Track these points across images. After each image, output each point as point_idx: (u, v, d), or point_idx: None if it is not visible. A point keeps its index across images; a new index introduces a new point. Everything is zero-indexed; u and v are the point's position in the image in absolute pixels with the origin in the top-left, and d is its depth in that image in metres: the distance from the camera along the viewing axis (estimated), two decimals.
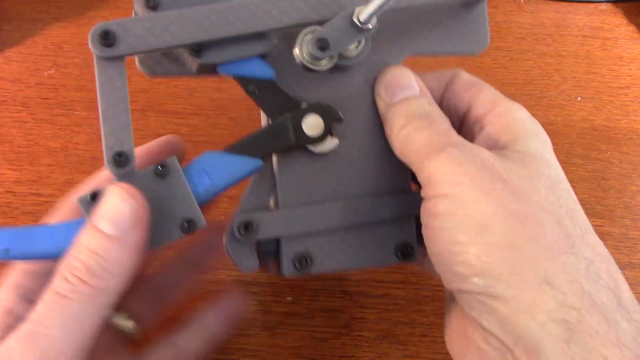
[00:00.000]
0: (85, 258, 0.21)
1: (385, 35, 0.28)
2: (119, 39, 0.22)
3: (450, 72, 0.28)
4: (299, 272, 0.26)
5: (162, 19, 0.23)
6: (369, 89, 0.27)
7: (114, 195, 0.22)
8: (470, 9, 0.29)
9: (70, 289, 0.20)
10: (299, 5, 0.24)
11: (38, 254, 0.23)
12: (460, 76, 0.28)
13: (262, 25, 0.24)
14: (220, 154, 0.24)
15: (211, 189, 0.24)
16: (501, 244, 0.21)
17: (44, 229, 0.23)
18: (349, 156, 0.27)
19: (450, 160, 0.22)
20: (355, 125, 0.27)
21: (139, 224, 0.22)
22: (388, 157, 0.27)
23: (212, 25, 0.23)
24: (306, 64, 0.25)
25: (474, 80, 0.28)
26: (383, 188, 0.27)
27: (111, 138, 0.23)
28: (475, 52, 0.29)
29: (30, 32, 0.45)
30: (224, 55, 0.24)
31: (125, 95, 0.23)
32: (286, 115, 0.25)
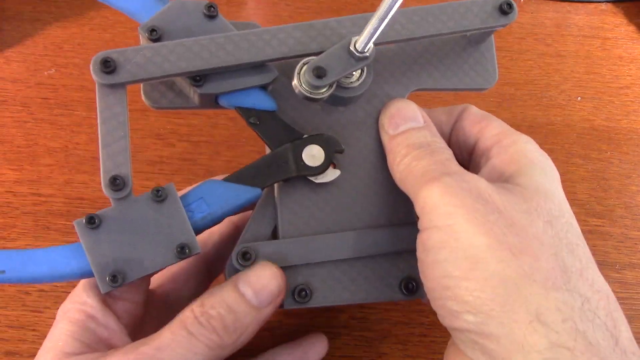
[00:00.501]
0: (223, 312, 0.22)
1: (390, 69, 0.28)
2: (119, 67, 0.23)
3: (461, 107, 0.28)
4: (299, 305, 0.26)
5: (162, 48, 0.23)
6: (373, 122, 0.27)
7: (265, 270, 0.24)
8: (478, 44, 0.28)
9: (201, 332, 0.22)
10: (298, 36, 0.25)
11: (33, 278, 0.23)
12: (469, 110, 0.28)
13: (261, 55, 0.24)
14: (220, 182, 0.24)
15: (208, 216, 0.24)
16: (494, 279, 0.20)
17: (40, 252, 0.23)
18: (352, 187, 0.27)
19: (444, 190, 0.22)
20: (359, 156, 0.27)
21: (275, 302, 0.24)
22: (391, 189, 0.26)
23: (212, 55, 0.24)
24: (305, 93, 0.25)
25: (483, 113, 0.27)
26: (387, 220, 0.27)
27: (109, 162, 0.23)
28: (483, 88, 0.29)
29: (30, 32, 0.45)
30: (224, 86, 0.24)
31: (125, 120, 0.23)
32: (287, 145, 0.25)
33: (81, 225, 0.23)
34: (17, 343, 0.34)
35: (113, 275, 0.22)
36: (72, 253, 0.23)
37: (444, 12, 0.26)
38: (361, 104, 0.27)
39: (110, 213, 0.23)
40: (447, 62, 0.28)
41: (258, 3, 0.50)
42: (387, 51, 0.28)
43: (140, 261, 0.23)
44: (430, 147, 0.24)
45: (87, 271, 0.23)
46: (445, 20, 0.26)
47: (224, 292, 0.23)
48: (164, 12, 0.24)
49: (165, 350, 0.21)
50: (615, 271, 0.38)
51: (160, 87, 0.26)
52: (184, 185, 0.40)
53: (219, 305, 0.22)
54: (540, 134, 0.43)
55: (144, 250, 0.23)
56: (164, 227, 0.23)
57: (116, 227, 0.23)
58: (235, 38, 0.24)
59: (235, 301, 0.23)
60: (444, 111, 0.28)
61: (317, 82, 0.24)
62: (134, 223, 0.23)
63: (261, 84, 0.25)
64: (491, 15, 0.26)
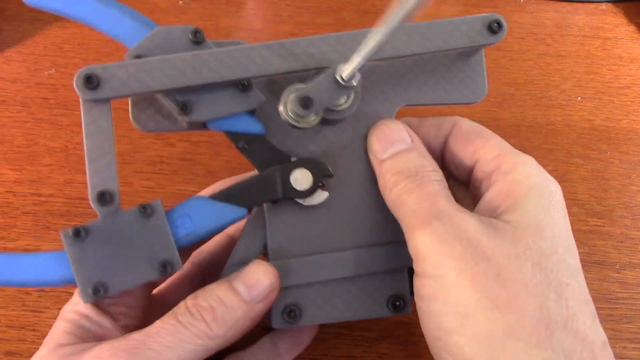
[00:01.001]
0: (213, 303, 0.23)
1: (378, 87, 0.27)
2: (102, 83, 0.23)
3: (451, 120, 0.27)
4: (288, 324, 0.26)
5: (145, 64, 0.23)
6: (362, 141, 0.27)
7: (258, 267, 0.24)
8: (468, 58, 0.28)
9: (190, 322, 0.22)
10: (282, 53, 0.24)
11: (21, 282, 0.23)
12: (460, 126, 0.27)
13: (244, 72, 0.24)
14: (206, 200, 0.25)
15: (192, 233, 0.24)
16: (481, 335, 0.21)
17: (28, 257, 0.24)
18: (341, 208, 0.27)
19: (434, 237, 0.22)
20: (347, 176, 0.27)
21: (268, 299, 0.24)
22: (379, 209, 0.26)
23: (195, 71, 0.24)
24: (291, 122, 0.25)
25: (475, 129, 0.27)
26: (375, 239, 0.27)
27: (96, 177, 0.24)
28: (472, 102, 0.28)
29: (30, 32, 0.45)
30: (211, 113, 0.24)
31: (110, 135, 0.24)
32: (276, 167, 0.25)
33: (68, 236, 0.23)
34: (17, 343, 0.34)
35: (95, 288, 0.23)
36: (58, 260, 0.23)
37: (431, 30, 0.26)
38: (350, 122, 0.27)
39: (96, 226, 0.24)
40: (436, 76, 0.28)
41: (258, 3, 0.50)
42: (375, 68, 0.28)
43: (123, 275, 0.23)
44: (419, 176, 0.24)
45: (72, 279, 0.23)
46: (433, 38, 0.26)
47: (217, 286, 0.24)
48: (151, 38, 0.24)
49: (153, 337, 0.22)
50: (615, 271, 0.38)
51: (148, 110, 0.26)
52: (184, 186, 0.40)
53: (211, 298, 0.23)
54: (540, 134, 0.43)
55: (127, 264, 0.23)
56: (148, 242, 0.24)
57: (102, 241, 0.23)
58: (218, 55, 0.24)
59: (226, 294, 0.23)
60: (433, 124, 0.28)
61: (303, 112, 0.24)
62: (120, 237, 0.24)
63: (248, 109, 0.25)
64: (480, 33, 0.26)
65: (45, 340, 0.24)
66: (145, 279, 0.24)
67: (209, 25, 0.47)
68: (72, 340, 0.24)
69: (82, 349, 0.23)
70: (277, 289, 0.24)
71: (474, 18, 0.26)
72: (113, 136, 0.24)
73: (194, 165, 0.40)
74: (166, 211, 0.24)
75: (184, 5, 0.48)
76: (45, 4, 0.25)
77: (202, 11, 0.48)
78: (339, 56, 0.24)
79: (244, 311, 0.23)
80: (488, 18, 0.26)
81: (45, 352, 0.23)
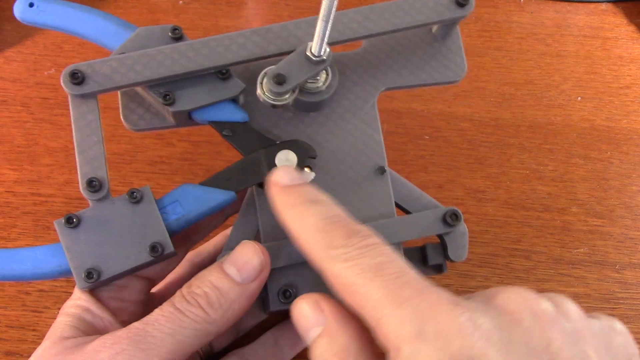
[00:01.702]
0: (207, 290, 0.23)
1: (358, 72, 0.28)
2: (87, 78, 0.24)
3: None
4: (284, 305, 0.26)
5: (127, 58, 0.25)
6: (345, 124, 0.28)
7: (246, 247, 0.24)
8: (445, 38, 0.29)
9: (187, 308, 0.23)
10: (256, 40, 0.26)
11: (17, 275, 0.24)
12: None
13: (222, 60, 0.25)
14: (195, 186, 0.25)
15: (183, 217, 0.25)
16: None
17: (24, 251, 0.24)
18: (328, 188, 0.27)
19: None
20: (333, 158, 0.27)
21: (259, 277, 0.24)
22: (367, 186, 0.27)
23: (174, 62, 0.25)
24: (269, 101, 0.25)
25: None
26: (365, 217, 0.27)
27: (85, 167, 0.25)
28: (453, 81, 0.29)
29: (30, 32, 0.45)
30: (194, 102, 0.26)
31: (97, 127, 0.25)
32: (260, 150, 0.26)
33: (60, 224, 0.24)
34: (17, 343, 0.34)
35: (88, 272, 0.24)
36: (53, 252, 0.24)
37: (400, 8, 0.26)
38: (332, 107, 0.28)
39: (88, 213, 0.24)
40: (415, 59, 0.29)
41: (258, 3, 0.50)
42: (354, 55, 0.28)
43: (115, 259, 0.24)
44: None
45: (68, 270, 0.24)
46: (401, 15, 0.26)
47: (209, 272, 0.24)
48: (133, 39, 0.26)
49: (153, 324, 0.22)
50: (615, 271, 0.38)
51: (137, 110, 0.27)
52: None
53: (204, 284, 0.23)
54: (540, 134, 0.43)
55: (119, 249, 0.24)
56: (139, 227, 0.24)
57: (93, 227, 0.24)
58: (196, 45, 0.25)
59: (218, 278, 0.24)
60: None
61: (278, 88, 0.25)
62: (111, 223, 0.24)
63: (229, 96, 0.26)
64: (448, 7, 0.27)
65: (47, 334, 0.24)
66: (137, 262, 0.24)
67: (209, 25, 0.47)
68: (74, 333, 0.24)
69: (85, 341, 0.23)
70: (268, 267, 0.24)
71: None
72: (101, 128, 0.25)
73: (194, 165, 0.40)
74: (156, 199, 0.25)
75: (184, 5, 0.48)
76: (34, 20, 0.26)
77: (202, 11, 0.48)
78: (312, 39, 0.25)
79: (238, 292, 0.23)
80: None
81: (49, 344, 0.23)
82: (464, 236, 0.28)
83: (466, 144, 0.42)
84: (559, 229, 0.39)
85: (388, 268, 0.19)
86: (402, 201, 0.28)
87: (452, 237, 0.28)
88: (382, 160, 0.28)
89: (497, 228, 0.39)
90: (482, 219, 0.40)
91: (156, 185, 0.39)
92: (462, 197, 0.40)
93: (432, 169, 0.41)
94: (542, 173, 0.42)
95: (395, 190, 0.28)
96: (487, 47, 0.47)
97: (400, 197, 0.28)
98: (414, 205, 0.28)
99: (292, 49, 0.25)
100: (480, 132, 0.43)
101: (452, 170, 0.41)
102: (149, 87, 0.25)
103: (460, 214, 0.27)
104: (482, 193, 0.41)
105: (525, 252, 0.39)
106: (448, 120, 0.43)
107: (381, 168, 0.27)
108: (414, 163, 0.42)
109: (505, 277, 0.38)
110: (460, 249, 0.28)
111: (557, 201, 0.40)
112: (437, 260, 0.29)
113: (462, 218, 0.27)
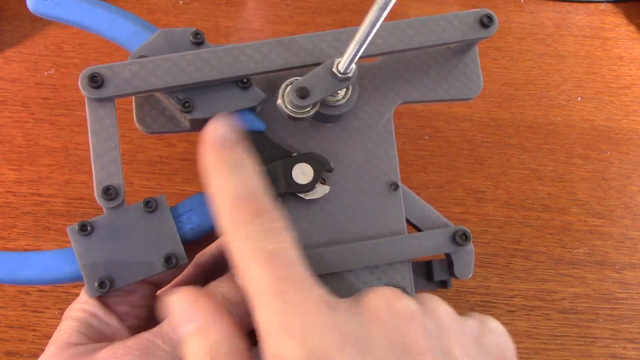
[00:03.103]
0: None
1: (376, 84, 0.28)
2: (107, 82, 0.24)
3: None
4: None
5: (149, 63, 0.24)
6: (361, 137, 0.28)
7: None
8: (462, 55, 0.29)
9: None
10: (280, 51, 0.25)
11: (27, 280, 0.24)
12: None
13: (244, 69, 0.25)
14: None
15: (197, 227, 0.25)
16: None
17: (34, 255, 0.24)
18: (342, 201, 0.27)
19: None
20: (348, 171, 0.27)
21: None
22: (380, 201, 0.27)
23: (196, 69, 0.24)
24: (289, 113, 0.25)
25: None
26: (376, 231, 0.27)
27: (101, 173, 0.24)
28: (468, 98, 0.29)
29: (30, 32, 0.45)
30: (213, 110, 0.25)
31: (114, 132, 0.24)
32: (277, 162, 0.26)
33: (74, 231, 0.24)
34: (17, 343, 0.34)
35: (101, 282, 0.23)
36: (65, 257, 0.24)
37: (425, 25, 0.26)
38: (349, 119, 0.28)
39: (102, 221, 0.24)
40: (432, 74, 0.28)
41: (258, 3, 0.50)
42: (372, 67, 0.28)
43: (129, 269, 0.24)
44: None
45: (79, 276, 0.24)
46: (426, 33, 0.26)
47: (220, 283, 0.24)
48: (152, 41, 0.25)
49: (163, 338, 0.22)
50: (615, 271, 0.38)
51: (152, 112, 0.26)
52: (184, 186, 0.40)
53: (214, 296, 0.23)
54: (540, 134, 0.43)
55: (133, 258, 0.24)
56: (154, 237, 0.24)
57: (107, 235, 0.24)
58: (219, 53, 0.25)
59: (229, 290, 0.23)
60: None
61: (300, 102, 0.24)
62: (125, 232, 0.24)
63: (249, 106, 0.26)
64: (472, 28, 0.27)
65: (52, 339, 0.24)
66: (151, 272, 0.24)
67: (209, 25, 0.47)
68: (81, 339, 0.24)
69: (93, 348, 0.23)
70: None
71: (465, 13, 0.27)
72: (118, 134, 0.25)
73: (194, 165, 0.40)
74: (171, 207, 0.25)
75: (184, 5, 0.48)
76: (47, 13, 0.25)
77: (202, 11, 0.48)
78: (336, 52, 0.25)
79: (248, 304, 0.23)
80: (479, 13, 0.27)
81: (55, 350, 0.23)
82: (471, 254, 0.28)
83: (466, 144, 0.42)
84: (559, 229, 0.39)
85: (279, 257, 0.20)
86: (413, 217, 0.28)
87: (459, 255, 0.28)
88: (396, 176, 0.27)
89: (497, 228, 0.39)
90: (482, 219, 0.40)
91: (156, 185, 0.40)
92: (462, 197, 0.40)
93: (432, 169, 0.41)
94: (542, 173, 0.42)
95: (406, 206, 0.28)
96: (487, 47, 0.47)
97: (411, 213, 0.28)
98: (423, 222, 0.28)
99: (316, 61, 0.25)
100: (480, 132, 0.43)
101: (452, 171, 0.41)
102: (168, 92, 0.25)
103: (469, 235, 0.27)
104: (482, 193, 0.41)
105: (525, 252, 0.39)
106: (448, 121, 0.43)
107: (395, 184, 0.27)
108: (414, 163, 0.42)
109: (505, 277, 0.38)
110: (467, 266, 0.28)
111: (557, 201, 0.40)
112: (442, 276, 0.29)
113: (470, 238, 0.27)
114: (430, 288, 0.30)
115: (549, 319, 0.36)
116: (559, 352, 0.35)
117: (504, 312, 0.36)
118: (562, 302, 0.37)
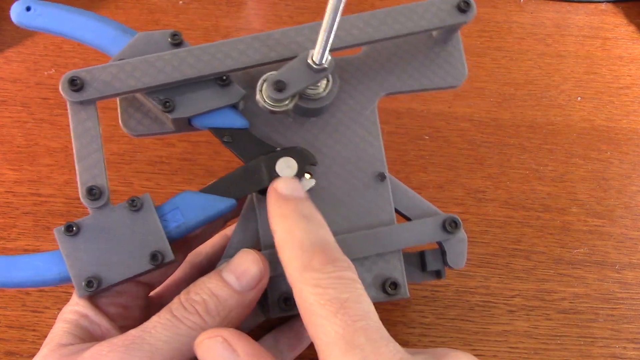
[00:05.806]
0: (205, 297, 0.23)
1: (358, 77, 0.28)
2: (86, 85, 0.24)
3: None
4: (284, 312, 0.26)
5: (126, 65, 0.24)
6: (345, 129, 0.27)
7: (245, 256, 0.24)
8: (445, 43, 0.29)
9: (184, 315, 0.23)
10: (257, 46, 0.25)
11: (18, 282, 0.24)
12: None
13: (222, 66, 0.25)
14: (195, 193, 0.25)
15: (183, 225, 0.25)
16: None
17: (25, 258, 0.24)
18: (329, 194, 0.27)
19: None
20: (333, 164, 0.27)
21: (258, 286, 0.24)
22: (367, 192, 0.27)
23: (174, 69, 0.25)
24: (269, 107, 0.25)
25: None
26: (365, 223, 0.27)
27: (85, 174, 0.25)
28: (453, 86, 0.29)
29: (30, 32, 0.45)
30: (193, 109, 0.25)
31: (97, 134, 0.25)
32: (261, 157, 0.26)
33: (60, 232, 0.24)
34: (17, 343, 0.34)
35: (88, 281, 0.24)
36: (53, 259, 0.24)
37: (402, 13, 0.26)
38: (332, 112, 0.28)
39: (88, 221, 0.24)
40: (415, 64, 0.28)
41: (258, 3, 0.50)
42: (354, 59, 0.28)
43: (115, 267, 0.24)
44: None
45: (68, 277, 0.24)
46: (403, 21, 0.26)
47: (208, 279, 0.24)
48: (132, 44, 0.25)
49: (150, 332, 0.22)
50: (615, 271, 0.38)
51: (136, 115, 0.27)
52: (184, 186, 0.40)
53: (202, 291, 0.23)
54: (540, 134, 0.43)
55: (119, 257, 0.24)
56: (139, 235, 0.24)
57: (93, 235, 0.24)
58: (196, 52, 0.25)
59: (217, 286, 0.23)
60: None
61: (277, 95, 0.24)
62: (110, 231, 0.24)
63: (229, 103, 0.26)
64: (450, 13, 0.27)
65: (45, 341, 0.24)
66: (138, 270, 0.24)
67: (209, 25, 0.47)
68: (72, 340, 0.24)
69: (81, 348, 0.23)
70: (267, 275, 0.24)
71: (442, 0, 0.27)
72: (100, 135, 0.25)
73: (193, 165, 0.40)
74: (156, 206, 0.25)
75: (184, 5, 0.48)
76: (31, 24, 0.26)
77: (202, 11, 0.48)
78: (313, 45, 0.25)
79: (236, 301, 0.23)
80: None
81: (46, 351, 0.23)
82: (463, 243, 0.28)
83: (466, 144, 0.42)
84: (559, 229, 0.39)
85: (352, 308, 0.19)
86: (402, 207, 0.28)
87: (451, 244, 0.28)
88: (382, 167, 0.27)
89: (497, 228, 0.39)
90: (482, 219, 0.40)
91: (156, 185, 0.40)
92: (462, 197, 0.40)
93: (432, 169, 0.41)
94: (542, 173, 0.42)
95: (395, 196, 0.27)
96: (486, 47, 0.47)
97: (400, 203, 0.28)
98: (413, 211, 0.28)
99: (294, 55, 0.25)
100: (480, 132, 0.43)
101: (452, 171, 0.41)
102: (149, 93, 0.25)
103: (459, 222, 0.27)
104: (482, 193, 0.41)
105: (525, 252, 0.39)
106: (448, 121, 0.43)
107: (381, 174, 0.27)
108: (414, 163, 0.42)
109: (505, 277, 0.38)
110: (459, 255, 0.28)
111: (557, 201, 0.40)
112: (435, 266, 0.29)
113: (461, 225, 0.27)
114: (425, 278, 0.30)
115: (549, 319, 0.36)
116: (559, 352, 0.35)
117: (504, 312, 0.36)
118: (562, 302, 0.37)
